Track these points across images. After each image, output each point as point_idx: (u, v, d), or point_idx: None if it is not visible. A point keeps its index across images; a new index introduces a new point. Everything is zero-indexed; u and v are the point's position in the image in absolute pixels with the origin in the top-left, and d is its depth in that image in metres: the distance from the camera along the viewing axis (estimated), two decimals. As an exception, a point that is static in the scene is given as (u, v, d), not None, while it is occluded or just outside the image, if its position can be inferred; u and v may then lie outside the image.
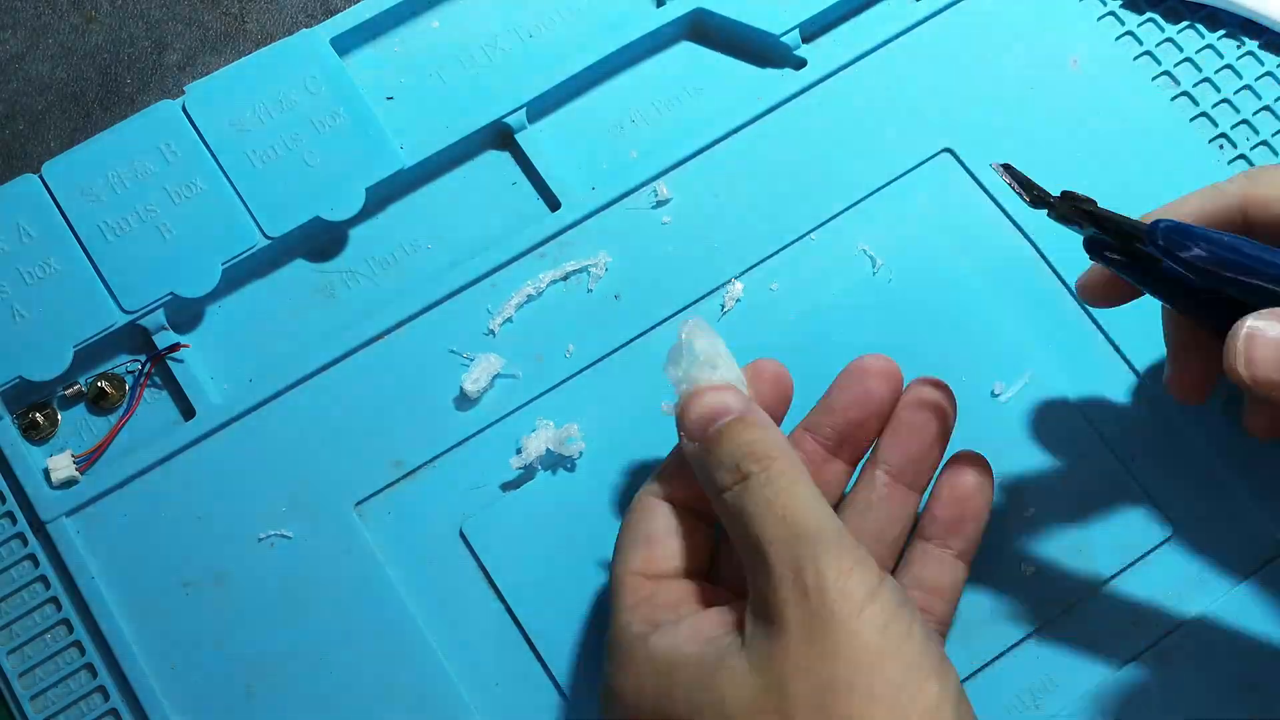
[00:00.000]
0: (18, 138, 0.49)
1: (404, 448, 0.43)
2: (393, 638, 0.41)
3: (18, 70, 0.50)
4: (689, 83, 0.48)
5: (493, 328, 0.44)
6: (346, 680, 0.40)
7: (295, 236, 0.45)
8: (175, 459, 0.43)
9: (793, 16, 0.47)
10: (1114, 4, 0.49)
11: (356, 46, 0.48)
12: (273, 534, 0.42)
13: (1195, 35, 0.48)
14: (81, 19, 0.51)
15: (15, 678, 0.40)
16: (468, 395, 0.43)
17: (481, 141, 0.47)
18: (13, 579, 0.41)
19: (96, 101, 0.50)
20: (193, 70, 0.50)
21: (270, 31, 0.51)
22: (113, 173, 0.45)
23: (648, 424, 0.43)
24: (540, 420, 0.43)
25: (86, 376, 0.44)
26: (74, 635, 0.41)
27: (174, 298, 0.44)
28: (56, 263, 0.44)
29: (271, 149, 0.45)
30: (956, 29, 0.48)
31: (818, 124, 0.47)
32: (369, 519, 0.42)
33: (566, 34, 0.48)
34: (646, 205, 0.46)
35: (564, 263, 0.45)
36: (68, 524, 0.42)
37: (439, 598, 0.41)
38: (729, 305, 0.45)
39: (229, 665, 0.40)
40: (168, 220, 0.44)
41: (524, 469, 0.43)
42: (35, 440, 0.43)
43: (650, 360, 0.44)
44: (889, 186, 0.46)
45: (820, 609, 0.32)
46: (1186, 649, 0.41)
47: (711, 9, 0.48)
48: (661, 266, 0.45)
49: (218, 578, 0.41)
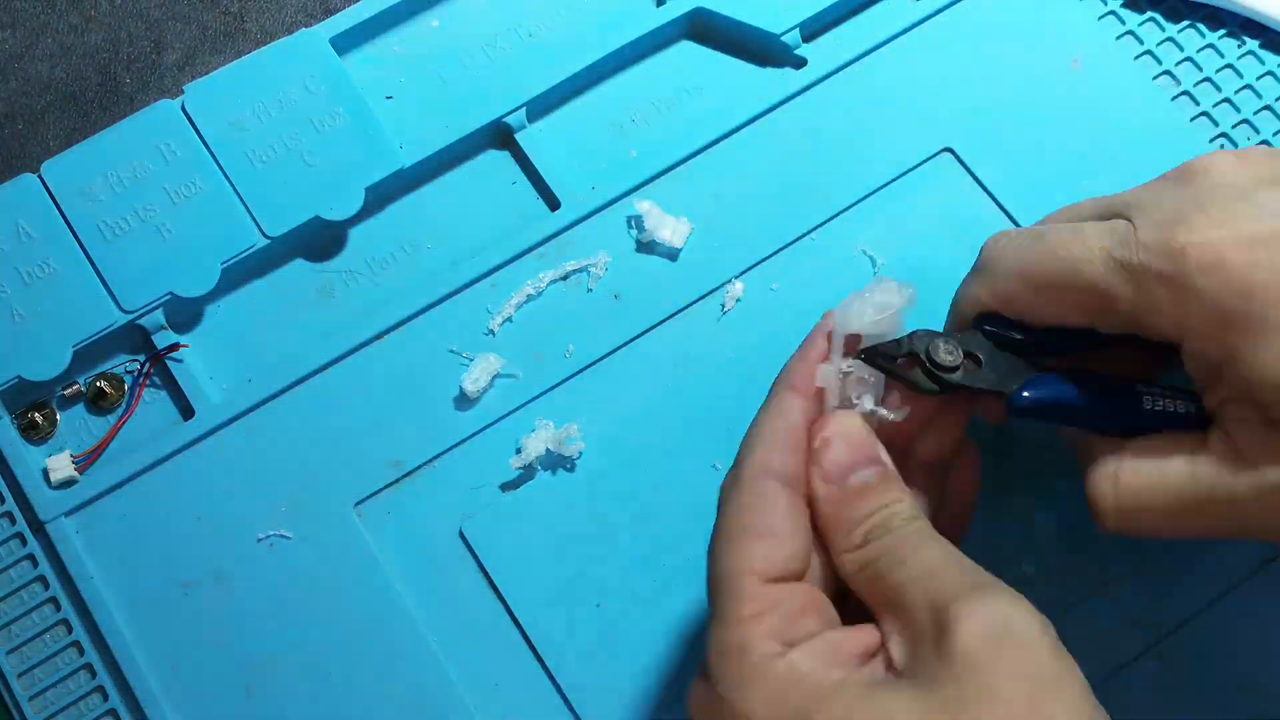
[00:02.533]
0: (17, 137, 0.49)
1: (403, 448, 0.43)
2: (392, 638, 0.41)
3: (17, 70, 0.50)
4: (689, 82, 0.48)
5: (492, 327, 0.44)
6: (346, 680, 0.40)
7: (295, 236, 0.45)
8: (174, 459, 0.43)
9: (793, 16, 0.47)
10: (1114, 3, 0.49)
11: (356, 46, 0.48)
12: (272, 534, 0.42)
13: (1196, 35, 0.48)
14: (80, 18, 0.51)
15: (14, 678, 0.40)
16: (467, 395, 0.43)
17: (481, 141, 0.47)
18: (12, 579, 0.41)
19: (95, 101, 0.50)
20: (192, 70, 0.50)
21: (270, 31, 0.51)
22: (112, 172, 0.45)
23: (648, 424, 0.43)
24: (540, 420, 0.43)
25: (85, 376, 0.44)
26: (73, 635, 0.41)
27: (173, 297, 0.44)
28: (55, 262, 0.44)
29: (271, 149, 0.45)
30: (956, 29, 0.48)
31: (818, 124, 0.47)
32: (368, 519, 0.42)
33: (566, 34, 0.48)
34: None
35: (564, 263, 0.45)
36: (67, 524, 0.42)
37: (439, 598, 0.41)
38: (729, 305, 0.45)
39: (229, 665, 0.40)
40: (167, 220, 0.44)
41: (524, 469, 0.42)
42: (34, 440, 0.43)
43: (650, 360, 0.44)
44: (889, 186, 0.46)
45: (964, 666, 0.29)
46: (1186, 649, 0.41)
47: (711, 8, 0.48)
48: (662, 266, 0.45)
49: (217, 578, 0.41)
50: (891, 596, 0.31)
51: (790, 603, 0.31)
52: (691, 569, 0.41)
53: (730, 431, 0.43)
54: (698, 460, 0.42)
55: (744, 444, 0.34)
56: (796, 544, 0.32)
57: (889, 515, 0.32)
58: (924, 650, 0.30)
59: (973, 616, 0.29)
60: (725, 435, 0.43)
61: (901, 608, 0.31)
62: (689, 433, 0.43)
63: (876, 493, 0.33)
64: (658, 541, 0.42)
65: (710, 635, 0.32)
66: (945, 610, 0.30)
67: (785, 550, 0.32)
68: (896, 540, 0.32)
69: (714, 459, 0.42)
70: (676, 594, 0.41)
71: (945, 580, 0.31)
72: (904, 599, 0.31)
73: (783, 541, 0.32)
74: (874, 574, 0.32)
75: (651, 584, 0.41)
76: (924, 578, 0.31)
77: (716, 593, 0.32)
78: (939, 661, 0.29)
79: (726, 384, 0.44)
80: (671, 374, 0.44)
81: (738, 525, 0.32)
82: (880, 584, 0.31)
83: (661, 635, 0.41)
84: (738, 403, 0.43)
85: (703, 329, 0.44)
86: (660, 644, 0.41)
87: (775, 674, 0.30)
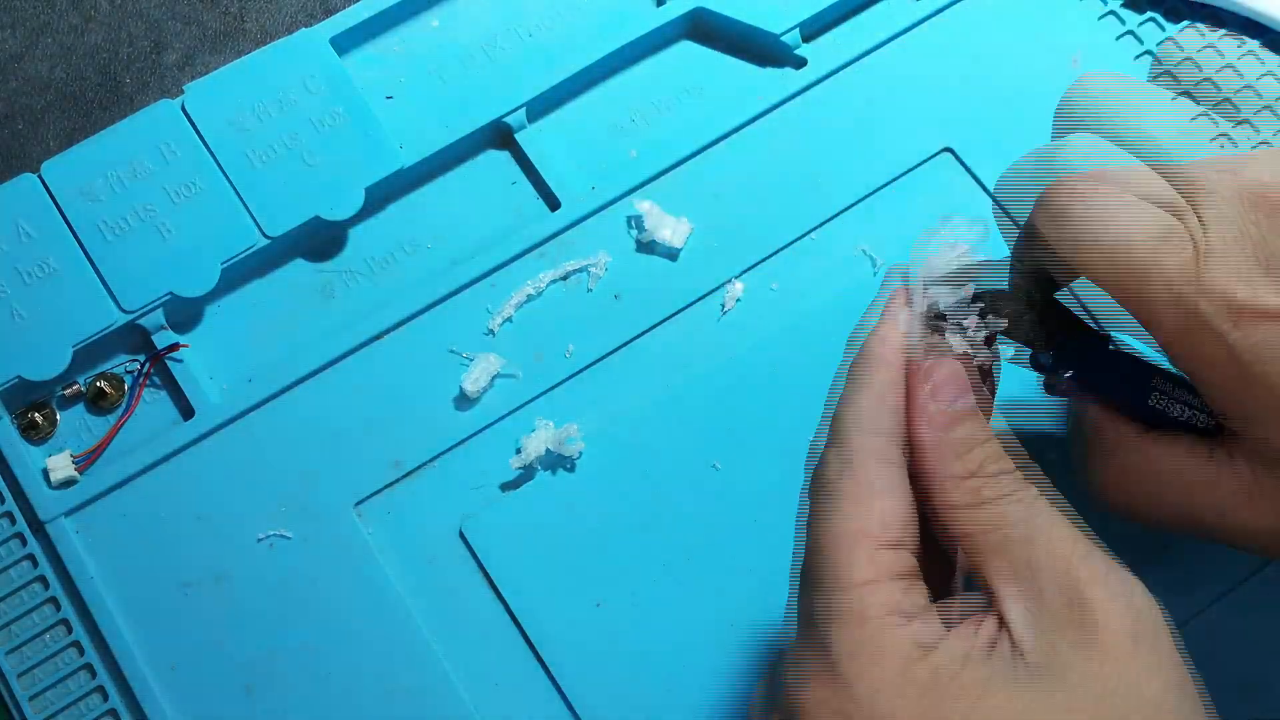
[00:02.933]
0: (17, 137, 0.49)
1: (404, 448, 0.43)
2: (393, 638, 0.41)
3: (17, 70, 0.50)
4: (689, 82, 0.48)
5: (492, 327, 0.44)
6: (346, 680, 0.40)
7: (295, 236, 0.45)
8: (174, 459, 0.43)
9: (793, 16, 0.47)
10: (1114, 3, 0.49)
11: (356, 46, 0.48)
12: (272, 534, 0.42)
13: (1196, 35, 0.48)
14: (80, 18, 0.51)
15: (14, 678, 0.40)
16: (467, 395, 0.43)
17: (481, 141, 0.47)
18: (11, 579, 0.41)
19: (95, 101, 0.50)
20: (192, 70, 0.50)
21: (269, 31, 0.51)
22: (112, 172, 0.45)
23: (648, 424, 0.43)
24: (540, 420, 0.43)
25: (85, 376, 0.44)
26: (73, 635, 0.41)
27: (173, 297, 0.44)
28: (55, 262, 0.44)
29: (271, 148, 0.45)
30: (956, 29, 0.48)
31: (818, 124, 0.47)
32: (369, 519, 0.42)
33: (566, 33, 0.48)
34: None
35: (564, 263, 0.45)
36: (67, 524, 0.42)
37: (439, 598, 0.41)
38: (729, 305, 0.45)
39: (229, 665, 0.40)
40: (167, 220, 0.44)
41: (524, 469, 0.42)
42: (34, 440, 0.43)
43: (650, 360, 0.44)
44: (889, 186, 0.46)
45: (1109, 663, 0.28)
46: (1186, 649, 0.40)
47: (711, 8, 0.48)
48: (662, 266, 0.45)
49: (217, 578, 0.41)
50: (1019, 569, 0.29)
51: (904, 572, 0.30)
52: (692, 568, 0.41)
53: (730, 431, 0.43)
54: (698, 460, 0.42)
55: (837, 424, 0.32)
56: (910, 510, 0.31)
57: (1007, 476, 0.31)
58: (1058, 638, 0.28)
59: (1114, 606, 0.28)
60: (725, 435, 0.43)
61: (1032, 583, 0.29)
62: (689, 433, 0.43)
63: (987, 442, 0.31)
64: (658, 541, 0.42)
65: (814, 603, 0.30)
66: (1082, 594, 0.29)
67: (902, 514, 0.30)
68: (1026, 510, 0.30)
69: (714, 459, 0.43)
70: (677, 594, 0.41)
71: (1080, 559, 0.29)
72: (1036, 575, 0.29)
73: (899, 504, 0.30)
74: (1001, 540, 0.30)
75: (651, 584, 0.41)
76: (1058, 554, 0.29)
77: (823, 558, 0.30)
78: (1078, 653, 0.28)
79: (726, 384, 0.44)
80: (671, 374, 0.44)
81: (851, 488, 0.30)
82: (1007, 553, 0.30)
83: (662, 635, 0.41)
84: (738, 403, 0.43)
85: (703, 329, 0.44)
86: (660, 644, 0.41)
87: (898, 646, 0.29)
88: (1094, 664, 0.28)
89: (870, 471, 0.31)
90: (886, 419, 0.32)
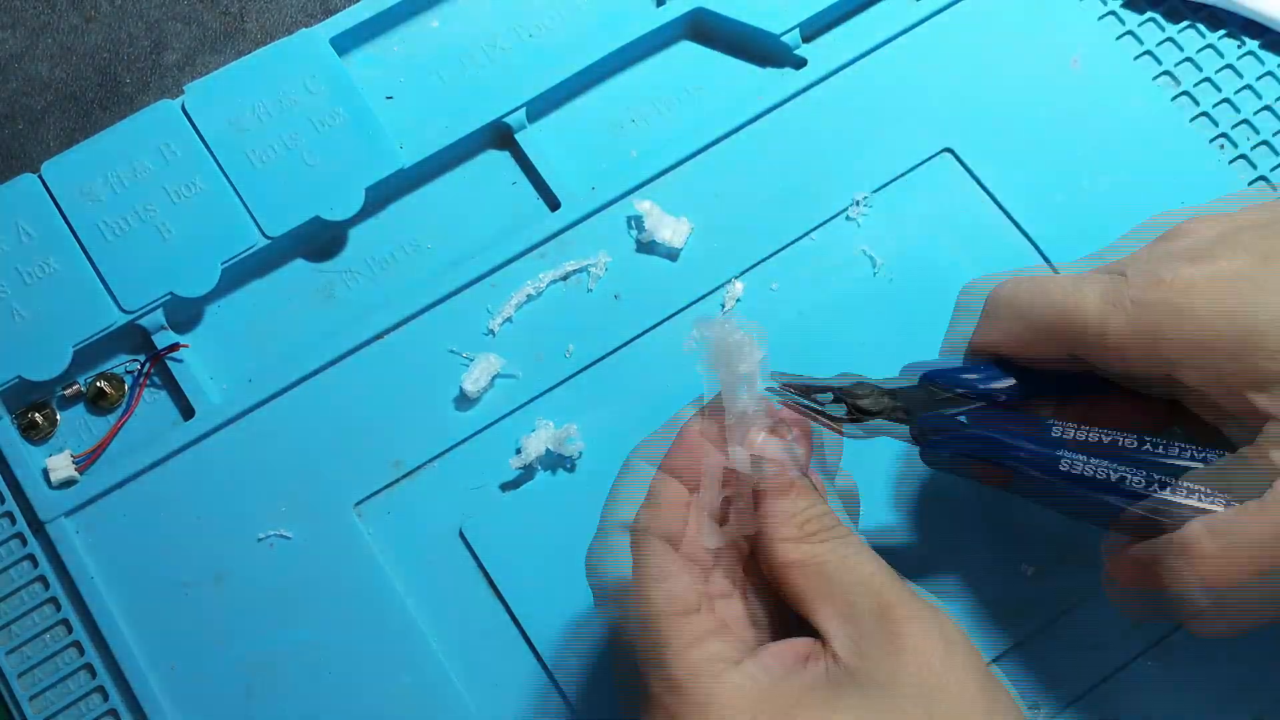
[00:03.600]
0: (17, 137, 0.49)
1: (404, 448, 0.43)
2: (393, 638, 0.41)
3: (17, 70, 0.50)
4: (689, 83, 0.48)
5: (493, 328, 0.44)
6: (346, 680, 0.40)
7: (295, 236, 0.45)
8: (175, 459, 0.43)
9: (793, 16, 0.47)
10: (1114, 4, 0.49)
11: (356, 46, 0.48)
12: (272, 534, 0.42)
13: (1196, 35, 0.48)
14: (80, 18, 0.51)
15: (14, 678, 0.40)
16: (467, 395, 0.43)
17: (481, 141, 0.47)
18: (12, 579, 0.41)
19: (96, 101, 0.50)
20: (192, 70, 0.50)
21: (270, 31, 0.51)
22: (112, 173, 0.45)
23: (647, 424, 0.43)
24: (540, 420, 0.43)
25: (86, 376, 0.44)
26: (73, 635, 0.41)
27: (173, 297, 0.44)
28: (56, 262, 0.44)
29: (271, 149, 0.45)
30: (956, 29, 0.48)
31: (818, 124, 0.47)
32: (369, 519, 0.42)
33: (566, 34, 0.48)
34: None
35: (564, 263, 0.45)
36: (67, 524, 0.42)
37: (439, 598, 0.41)
38: (729, 305, 0.45)
39: (229, 665, 0.40)
40: (167, 220, 0.44)
41: (524, 469, 0.42)
42: (34, 440, 0.43)
43: (650, 360, 0.44)
44: (889, 186, 0.46)
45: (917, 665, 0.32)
46: (1186, 649, 0.41)
47: (711, 8, 0.48)
48: (662, 266, 0.45)
49: (217, 578, 0.41)
50: (839, 594, 0.33)
51: (713, 627, 0.34)
52: (691, 569, 0.41)
53: (730, 431, 0.43)
54: (698, 460, 0.42)
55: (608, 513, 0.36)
56: (692, 576, 0.34)
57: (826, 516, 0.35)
58: (874, 650, 0.32)
59: (918, 622, 0.32)
60: (725, 435, 0.43)
61: (849, 606, 0.33)
62: (689, 433, 0.43)
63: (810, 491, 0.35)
64: (658, 541, 0.42)
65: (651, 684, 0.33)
66: (892, 613, 0.32)
67: (686, 583, 0.34)
68: (843, 546, 0.34)
69: (714, 459, 0.42)
70: (676, 594, 0.41)
71: (887, 587, 0.33)
72: (852, 599, 0.33)
73: (683, 576, 0.34)
74: (820, 572, 0.34)
75: (651, 584, 0.41)
76: (868, 582, 0.33)
77: (642, 643, 0.33)
78: (891, 660, 0.32)
79: (726, 384, 0.43)
80: (671, 374, 0.44)
81: (638, 582, 0.34)
82: (826, 582, 0.34)
83: (661, 635, 0.41)
84: (738, 403, 0.43)
85: (703, 329, 0.44)
86: (660, 644, 0.41)
87: (736, 686, 0.32)
88: (910, 668, 0.32)
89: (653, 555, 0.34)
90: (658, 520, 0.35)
